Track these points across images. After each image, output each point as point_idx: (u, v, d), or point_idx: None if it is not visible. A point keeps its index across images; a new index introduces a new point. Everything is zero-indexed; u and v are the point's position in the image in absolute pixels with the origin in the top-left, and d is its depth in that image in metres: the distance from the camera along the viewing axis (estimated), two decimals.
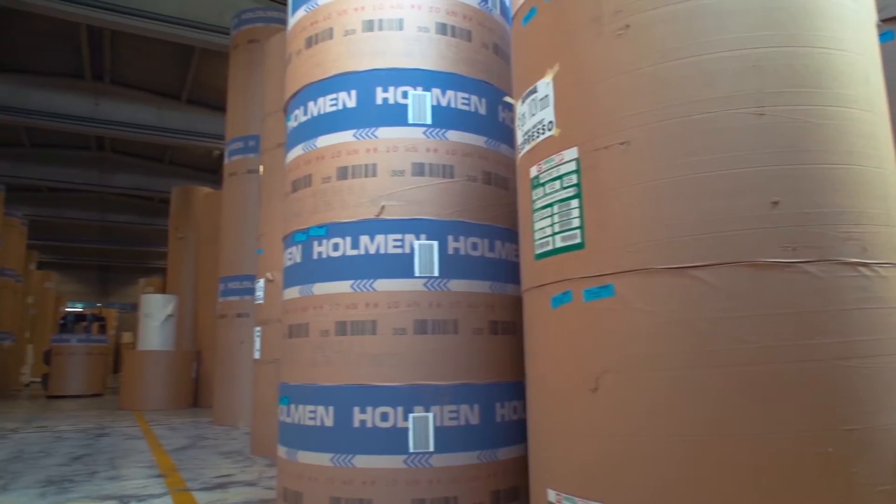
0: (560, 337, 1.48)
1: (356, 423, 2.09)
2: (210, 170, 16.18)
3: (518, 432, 2.22)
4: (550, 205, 1.52)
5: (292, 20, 2.61)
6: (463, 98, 2.36)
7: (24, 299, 13.87)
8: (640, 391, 1.29)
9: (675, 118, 1.32)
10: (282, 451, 2.34)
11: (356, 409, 2.10)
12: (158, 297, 8.89)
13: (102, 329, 11.84)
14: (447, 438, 2.09)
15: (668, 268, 1.28)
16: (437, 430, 2.09)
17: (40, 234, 19.06)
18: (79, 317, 11.55)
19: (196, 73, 11.32)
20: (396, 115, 2.28)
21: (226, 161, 6.80)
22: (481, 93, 2.42)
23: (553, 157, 1.53)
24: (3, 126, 13.39)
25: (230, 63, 7.05)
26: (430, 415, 2.09)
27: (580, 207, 1.44)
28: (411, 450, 2.06)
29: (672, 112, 1.32)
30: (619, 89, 1.40)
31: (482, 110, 2.40)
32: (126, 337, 23.68)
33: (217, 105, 11.55)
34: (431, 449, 2.07)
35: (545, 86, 1.57)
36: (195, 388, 8.62)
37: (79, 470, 3.79)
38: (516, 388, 2.25)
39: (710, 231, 1.26)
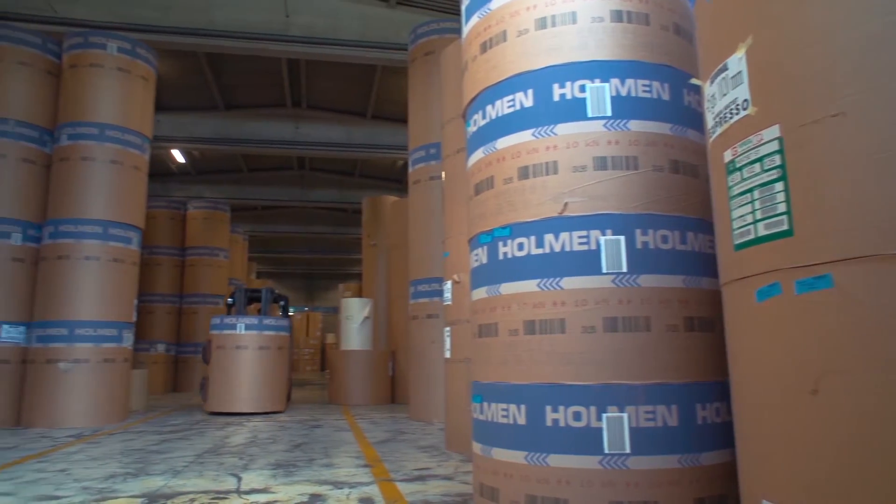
0: (768, 334, 1.35)
1: (549, 422, 2.10)
2: (396, 179, 17.20)
3: (723, 436, 2.07)
4: (750, 190, 1.40)
5: (466, 28, 2.69)
6: (644, 85, 2.26)
7: None
8: (873, 395, 1.13)
9: None
10: (477, 447, 2.41)
11: (548, 408, 2.10)
12: (356, 300, 9.63)
13: (285, 313, 8.90)
14: (644, 440, 2.01)
15: None
16: (632, 430, 2.02)
17: (257, 247, 21.66)
18: (251, 293, 8.54)
19: (378, 90, 12.11)
20: (575, 110, 2.24)
21: (410, 170, 7.19)
22: (663, 78, 2.30)
23: (750, 138, 1.40)
24: (226, 156, 15.49)
25: (409, 76, 7.45)
26: (625, 415, 2.03)
27: (786, 191, 1.31)
28: (606, 451, 2.02)
29: None
30: (829, 55, 1.24)
31: (665, 96, 2.28)
32: (330, 338, 26.03)
33: (399, 118, 12.25)
34: (627, 450, 2.01)
35: (737, 62, 1.45)
36: (392, 386, 9.19)
37: (299, 456, 4.23)
38: (718, 389, 2.10)
39: None
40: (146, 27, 8.33)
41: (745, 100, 1.42)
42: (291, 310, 28.82)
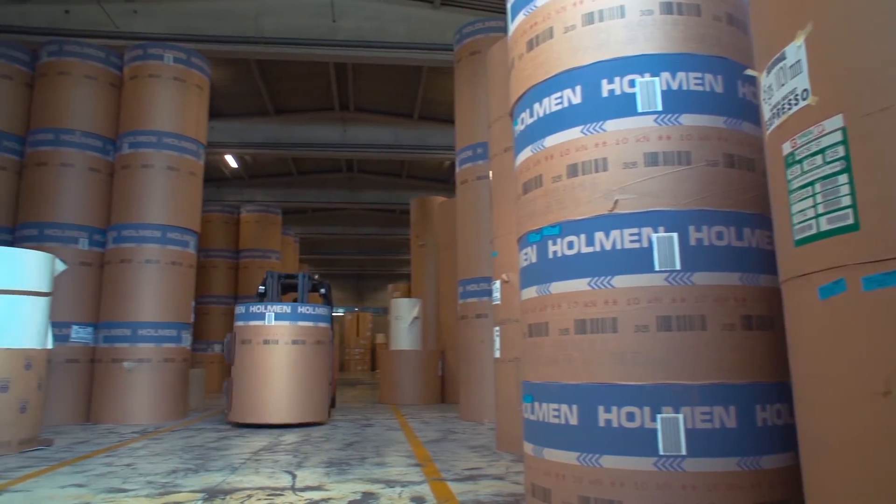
0: (832, 333, 1.30)
1: (601, 423, 2.07)
2: (443, 179, 17.26)
3: (784, 439, 2.00)
4: (811, 183, 1.35)
5: (512, 26, 2.67)
6: (696, 78, 2.21)
7: None
8: None
9: None
10: (528, 447, 2.40)
11: (601, 409, 2.07)
12: (405, 301, 9.71)
13: (328, 302, 7.27)
14: (701, 442, 1.96)
15: None
16: (688, 432, 1.97)
17: (308, 249, 22.07)
18: (286, 279, 6.99)
19: (424, 91, 12.17)
20: (624, 105, 2.21)
21: (457, 170, 7.20)
22: (716, 70, 2.23)
23: (811, 129, 1.35)
24: (277, 160, 15.84)
25: (455, 76, 7.46)
26: (681, 416, 1.98)
27: (850, 183, 1.25)
28: (661, 452, 1.97)
29: None
30: None
31: (718, 88, 2.22)
32: (380, 338, 26.32)
33: (445, 118, 12.29)
34: (684, 452, 1.96)
35: (795, 50, 1.40)
36: (442, 385, 9.22)
37: (352, 455, 4.30)
38: (779, 390, 2.03)
39: None
40: (199, 37, 8.60)
41: (805, 89, 1.37)
42: (340, 310, 29.27)
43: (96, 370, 6.57)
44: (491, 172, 5.08)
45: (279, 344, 5.97)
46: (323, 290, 7.45)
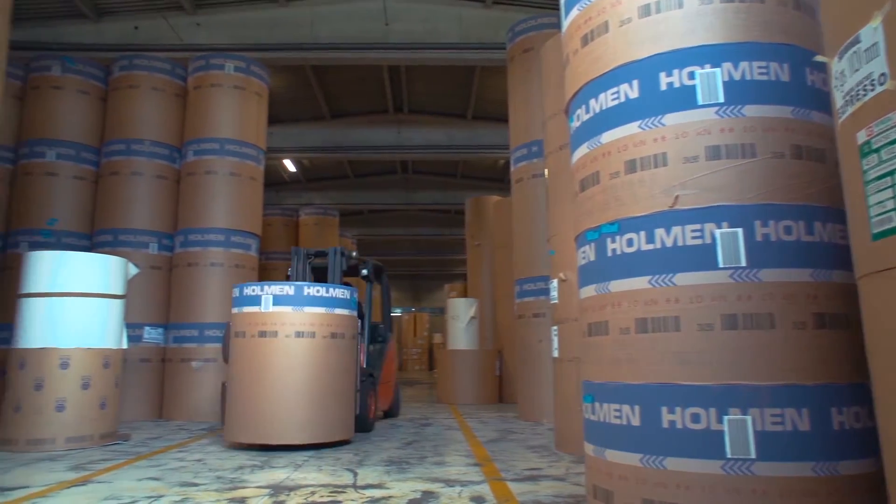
0: None
1: (665, 424, 2.01)
2: (497, 179, 17.21)
3: (864, 444, 1.90)
4: (889, 173, 1.28)
5: (566, 21, 2.64)
6: (760, 67, 2.12)
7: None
8: None
9: None
10: (589, 448, 2.36)
11: (664, 409, 2.02)
12: (462, 300, 9.73)
13: (383, 289, 6.68)
14: (771, 445, 1.88)
15: None
16: (757, 434, 1.90)
17: (365, 250, 22.38)
18: (315, 258, 5.97)
19: (478, 91, 12.16)
20: (684, 98, 2.14)
21: (512, 168, 7.17)
22: (782, 57, 2.14)
23: (889, 115, 1.28)
24: (333, 163, 16.15)
25: (508, 75, 7.43)
26: (749, 418, 1.91)
27: None
28: (729, 455, 1.91)
29: None
30: None
31: (784, 77, 2.13)
32: (437, 337, 26.45)
33: (499, 117, 12.25)
34: (753, 456, 1.89)
35: (871, 32, 1.32)
36: (500, 385, 9.20)
37: (411, 454, 4.33)
38: (856, 391, 1.93)
39: None
40: (258, 46, 8.86)
41: (882, 74, 1.30)
42: (398, 310, 29.51)
43: (167, 369, 6.86)
44: (546, 170, 5.03)
45: (278, 337, 4.62)
46: (365, 272, 6.23)
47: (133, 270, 5.48)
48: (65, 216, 7.05)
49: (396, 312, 28.51)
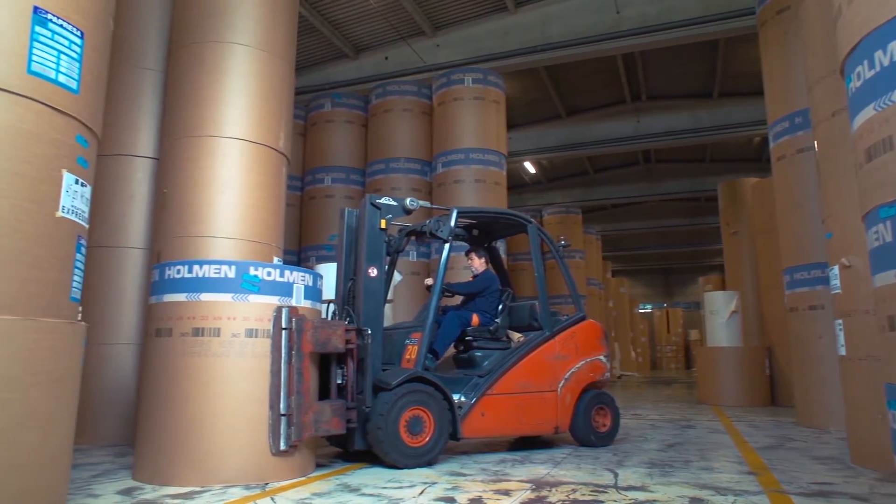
0: None
1: None
2: (752, 159, 15.64)
3: None
4: None
5: None
6: None
7: (606, 303, 16.21)
8: None
9: None
10: None
11: None
12: (720, 294, 8.99)
13: (493, 262, 5.24)
14: None
15: None
16: None
17: (610, 246, 21.91)
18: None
19: (723, 66, 11.18)
20: None
21: (771, 145, 6.43)
22: None
23: None
24: (572, 160, 16.12)
25: (760, 42, 6.68)
26: None
27: None
28: None
29: None
30: None
31: None
32: (693, 334, 24.85)
33: (750, 91, 11.11)
34: None
35: None
36: (770, 385, 8.30)
37: (674, 457, 4.10)
38: None
39: None
40: (492, 56, 9.22)
41: None
42: (647, 306, 28.18)
43: None
44: (816, 142, 4.41)
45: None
46: (480, 253, 4.84)
47: (397, 277, 6.06)
48: None
49: (646, 308, 27.41)
